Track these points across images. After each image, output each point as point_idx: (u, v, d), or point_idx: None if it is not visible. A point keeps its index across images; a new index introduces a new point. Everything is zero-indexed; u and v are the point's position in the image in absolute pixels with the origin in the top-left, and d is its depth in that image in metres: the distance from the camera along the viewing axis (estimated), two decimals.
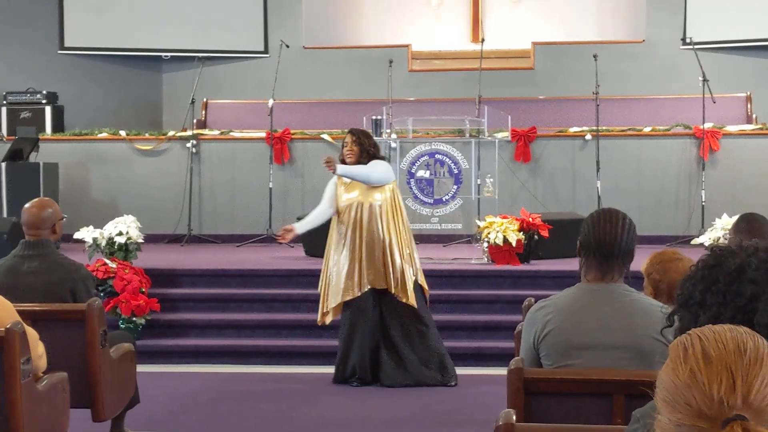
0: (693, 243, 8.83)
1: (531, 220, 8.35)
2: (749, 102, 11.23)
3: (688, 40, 10.92)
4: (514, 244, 8.08)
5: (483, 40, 10.83)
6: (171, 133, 10.94)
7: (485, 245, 8.23)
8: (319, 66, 12.24)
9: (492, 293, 7.58)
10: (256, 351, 7.26)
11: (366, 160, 6.42)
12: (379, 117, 9.62)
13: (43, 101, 11.46)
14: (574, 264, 3.28)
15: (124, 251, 7.78)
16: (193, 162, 10.69)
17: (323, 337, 7.37)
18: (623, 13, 12.52)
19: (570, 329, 3.05)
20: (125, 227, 7.84)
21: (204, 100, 11.86)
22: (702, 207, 9.94)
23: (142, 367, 5.48)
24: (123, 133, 10.92)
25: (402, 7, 12.83)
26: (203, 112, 11.90)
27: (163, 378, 6.66)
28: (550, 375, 2.97)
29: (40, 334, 3.95)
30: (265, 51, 12.30)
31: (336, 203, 6.51)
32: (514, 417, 2.37)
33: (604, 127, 10.32)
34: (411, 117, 9.44)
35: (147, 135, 11.00)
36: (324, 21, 12.74)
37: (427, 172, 9.27)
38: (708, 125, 10.11)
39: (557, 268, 7.90)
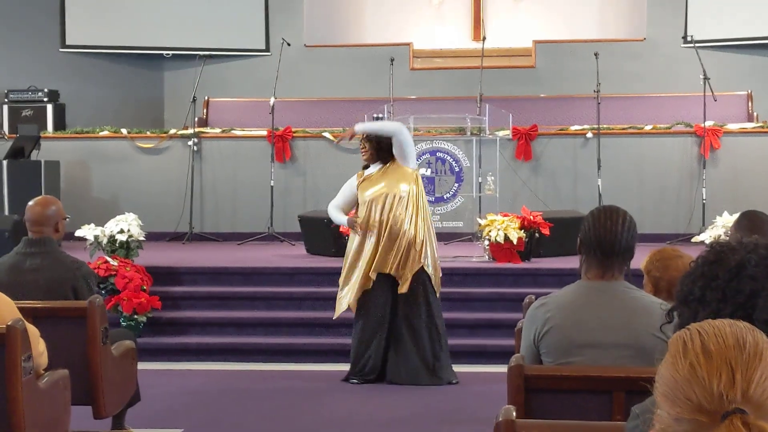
0: (694, 241, 8.83)
1: (532, 218, 8.36)
2: (750, 100, 11.23)
3: (689, 38, 10.91)
4: (515, 242, 8.08)
5: (484, 38, 10.83)
6: (172, 132, 10.95)
7: (486, 243, 8.23)
8: (321, 64, 12.24)
9: (493, 291, 7.59)
10: (257, 349, 7.27)
11: (385, 155, 6.31)
12: (381, 115, 9.63)
13: (45, 99, 11.47)
14: (575, 262, 3.28)
15: (125, 249, 7.80)
16: (195, 160, 10.69)
17: (325, 335, 7.38)
18: (624, 12, 12.52)
19: (570, 327, 3.06)
20: (127, 225, 7.85)
21: (205, 98, 11.86)
22: (703, 205, 9.94)
23: (143, 365, 5.49)
24: (124, 132, 10.92)
25: (403, 6, 12.83)
26: (205, 110, 11.90)
27: (165, 376, 6.67)
28: (550, 372, 2.98)
29: (41, 331, 3.96)
30: (267, 49, 12.30)
31: (351, 204, 6.44)
32: (514, 414, 2.38)
33: (605, 126, 10.32)
34: (412, 115, 9.43)
35: (148, 133, 11.00)
36: (325, 19, 12.74)
37: (429, 170, 9.29)
38: (709, 123, 10.10)
39: (558, 266, 7.90)
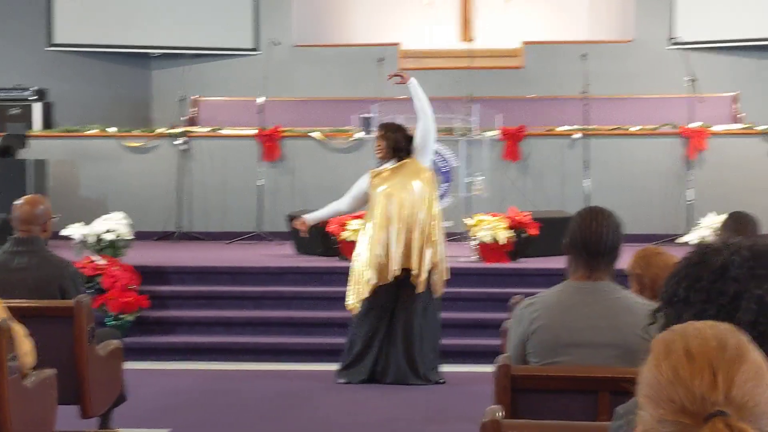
0: (679, 242, 8.86)
1: (520, 218, 8.37)
2: (736, 102, 11.27)
3: (676, 40, 10.95)
4: (503, 242, 8.10)
5: (473, 39, 10.84)
6: (160, 131, 10.93)
7: (475, 243, 8.25)
8: (310, 64, 12.24)
9: (481, 291, 7.60)
10: (245, 348, 7.26)
11: (397, 154, 6.28)
12: (369, 115, 9.63)
13: (32, 98, 11.42)
14: (563, 262, 3.29)
15: (112, 248, 7.78)
16: (183, 159, 10.67)
17: (313, 335, 7.38)
18: (612, 13, 12.56)
19: (557, 327, 3.07)
20: (114, 224, 7.83)
21: (194, 97, 11.84)
22: (689, 206, 9.98)
23: (131, 364, 5.49)
24: (112, 130, 10.90)
25: (392, 6, 12.83)
26: (193, 109, 11.88)
27: (152, 375, 6.66)
28: (536, 372, 2.99)
29: (28, 330, 3.95)
30: (255, 49, 12.28)
31: (360, 202, 6.40)
32: (500, 414, 2.39)
33: (592, 127, 10.35)
34: (401, 115, 9.44)
35: (136, 132, 10.98)
36: (314, 19, 12.73)
37: None
38: (695, 125, 10.15)
39: (546, 266, 7.91)
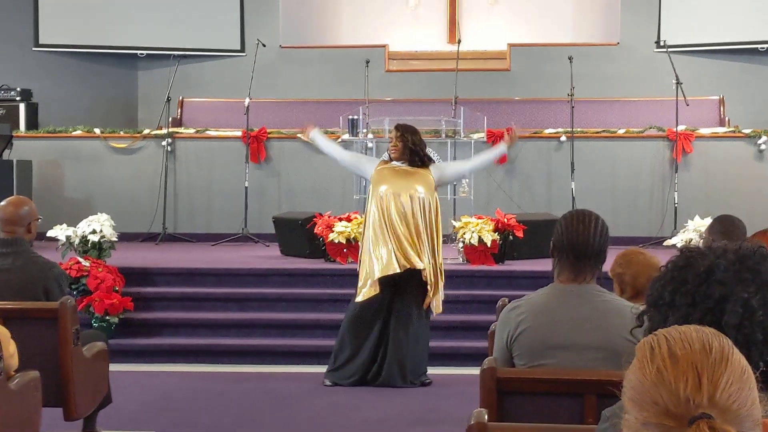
0: (666, 244, 8.90)
1: (506, 220, 8.38)
2: (722, 105, 11.33)
3: (662, 43, 10.99)
4: (489, 244, 8.11)
5: (459, 41, 10.86)
6: (146, 131, 10.90)
7: (460, 245, 8.25)
8: (296, 65, 12.22)
9: (467, 293, 7.60)
10: (230, 350, 7.25)
11: (410, 157, 6.31)
12: (356, 117, 9.63)
13: (17, 98, 11.37)
14: (548, 264, 3.30)
15: (97, 249, 7.75)
16: (169, 160, 10.65)
17: (298, 337, 7.37)
18: (598, 17, 12.59)
19: (543, 329, 3.07)
20: (99, 225, 7.80)
21: (180, 98, 11.81)
22: (675, 208, 10.02)
23: (115, 366, 5.46)
24: (98, 131, 10.86)
25: (379, 8, 12.84)
26: (179, 110, 11.85)
27: (137, 377, 6.64)
28: (522, 375, 2.99)
29: (12, 332, 3.93)
30: (242, 50, 12.26)
31: (359, 171, 6.44)
32: (486, 416, 2.39)
33: (578, 129, 10.38)
34: (387, 117, 9.43)
35: (122, 133, 10.95)
36: (301, 20, 12.72)
37: None
38: (681, 128, 10.18)
39: (532, 268, 7.93)
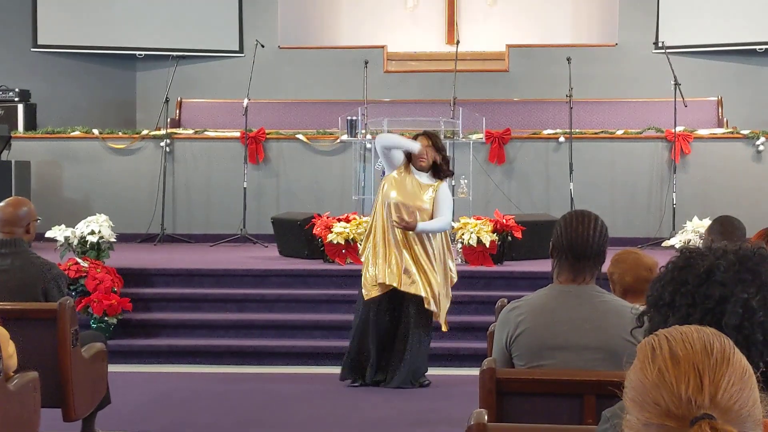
0: (664, 245, 8.90)
1: (505, 221, 8.39)
2: (720, 106, 11.33)
3: (660, 44, 10.99)
4: (487, 245, 8.11)
5: (458, 42, 10.86)
6: (144, 132, 10.89)
7: (459, 246, 8.25)
8: (295, 66, 12.22)
9: (465, 294, 7.59)
10: (228, 351, 7.25)
11: (437, 173, 6.24)
12: (355, 117, 9.63)
13: (16, 99, 11.36)
14: (547, 265, 3.30)
15: (96, 250, 7.74)
16: (167, 161, 10.64)
17: (296, 337, 7.37)
18: (597, 17, 12.60)
19: (542, 330, 3.07)
20: (97, 226, 7.79)
21: (178, 99, 11.80)
22: (673, 209, 10.02)
23: (114, 367, 5.46)
24: (96, 132, 10.86)
25: (378, 9, 12.84)
26: (177, 111, 11.84)
27: (135, 378, 6.63)
28: (522, 375, 2.99)
29: (11, 333, 3.92)
30: (240, 50, 12.26)
31: (395, 158, 6.30)
32: (486, 417, 2.38)
33: (577, 130, 10.38)
34: (386, 118, 9.43)
35: (120, 134, 10.94)
36: (300, 21, 12.72)
37: None
38: (679, 128, 10.19)
39: (530, 269, 7.93)
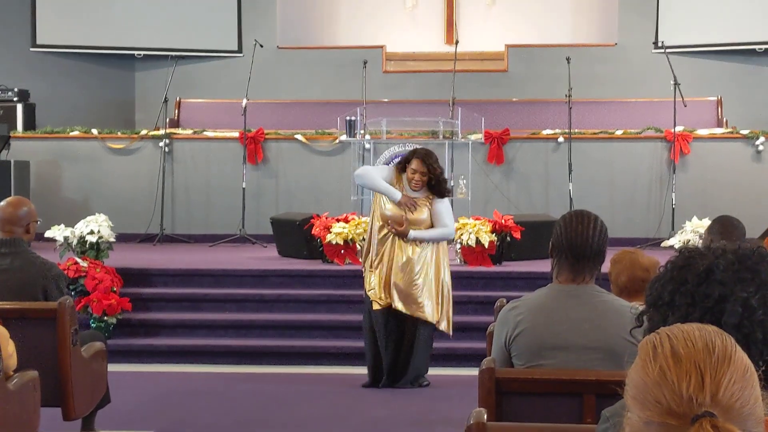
0: (663, 245, 8.90)
1: (503, 221, 8.39)
2: (720, 106, 11.33)
3: (659, 44, 11.00)
4: (486, 245, 8.11)
5: (457, 42, 10.86)
6: (144, 132, 10.89)
7: (458, 246, 8.25)
8: (294, 66, 12.22)
9: (464, 294, 7.59)
10: (228, 351, 7.25)
11: (432, 191, 6.16)
12: (353, 118, 9.64)
13: (15, 99, 11.35)
14: (546, 265, 3.30)
15: (95, 250, 7.74)
16: (166, 161, 10.64)
17: (295, 337, 7.37)
18: (596, 17, 12.60)
19: (541, 330, 3.08)
20: (97, 226, 7.80)
21: (177, 99, 11.80)
22: (672, 209, 10.03)
23: (113, 367, 5.46)
24: (95, 132, 10.85)
25: (377, 9, 12.84)
26: (176, 111, 11.84)
27: (135, 377, 6.64)
28: (521, 375, 2.99)
29: (10, 332, 3.93)
30: (239, 50, 12.26)
31: (388, 182, 6.24)
32: (485, 416, 2.39)
33: (576, 130, 10.38)
34: (385, 118, 9.46)
35: (119, 134, 10.94)
36: (298, 21, 12.72)
37: None
38: (679, 129, 10.19)
39: (529, 269, 7.93)
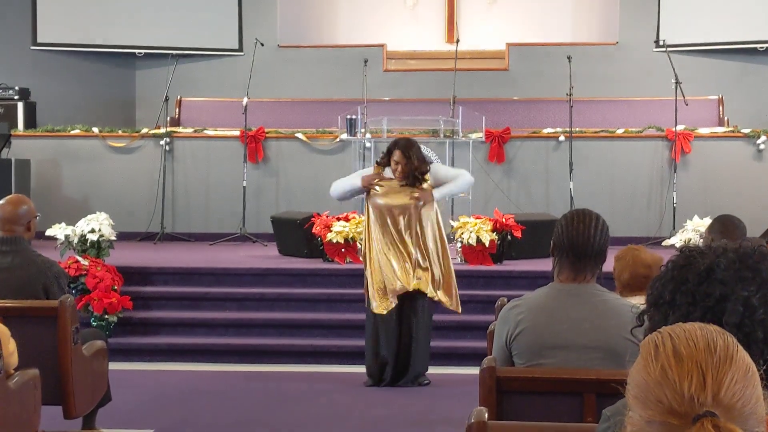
0: (664, 244, 8.90)
1: (504, 220, 8.39)
2: (721, 105, 11.33)
3: (661, 42, 10.99)
4: (487, 244, 8.11)
5: (458, 40, 10.86)
6: (144, 131, 10.89)
7: (459, 245, 8.25)
8: (294, 65, 12.22)
9: (465, 293, 7.56)
10: (228, 349, 7.25)
11: (412, 180, 6.20)
12: (354, 116, 9.63)
13: (16, 97, 11.35)
14: (546, 264, 3.30)
15: (96, 249, 7.75)
16: (167, 160, 10.64)
17: (295, 336, 7.38)
18: (597, 16, 12.59)
19: (542, 329, 3.07)
20: (97, 224, 7.80)
21: (178, 97, 11.80)
22: (673, 208, 10.02)
23: (114, 365, 5.46)
24: (96, 130, 10.86)
25: (377, 7, 12.83)
26: (177, 109, 11.84)
27: (136, 376, 6.64)
28: (522, 374, 2.99)
29: (11, 330, 3.93)
30: (240, 49, 12.26)
31: (372, 200, 6.29)
32: (486, 415, 2.39)
33: (577, 129, 10.37)
34: (386, 117, 9.44)
35: (120, 132, 10.94)
36: (299, 20, 12.72)
37: None
38: (680, 127, 10.19)
39: (530, 268, 7.93)
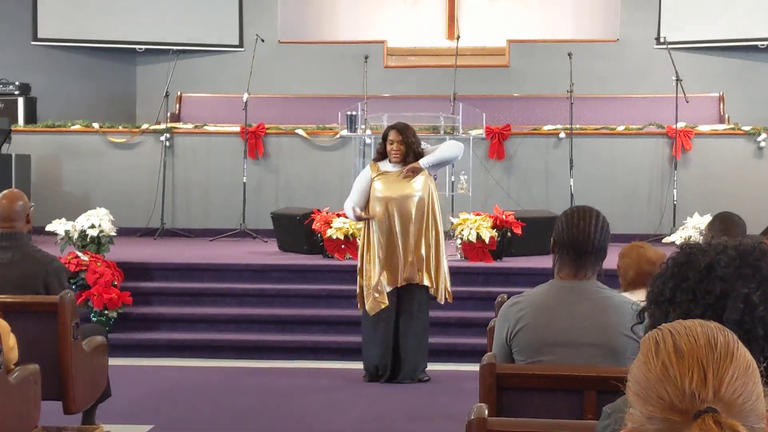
0: (665, 242, 8.91)
1: (504, 217, 8.39)
2: (722, 102, 11.32)
3: (662, 39, 10.99)
4: (487, 241, 8.11)
5: (458, 37, 10.86)
6: (144, 126, 10.89)
7: (458, 242, 8.25)
8: (295, 61, 12.22)
9: (465, 290, 7.59)
10: (228, 345, 7.25)
11: (412, 159, 6.25)
12: (354, 112, 9.63)
13: (16, 92, 11.35)
14: (546, 261, 3.30)
15: (96, 244, 7.75)
16: (167, 155, 10.64)
17: (295, 332, 7.38)
18: (598, 13, 12.59)
19: (542, 326, 3.08)
20: (98, 220, 7.80)
21: (178, 93, 11.80)
22: (674, 206, 10.02)
23: (114, 361, 5.47)
24: (96, 126, 10.85)
25: (378, 3, 12.83)
26: (177, 105, 11.84)
27: (135, 371, 6.64)
28: (522, 370, 2.99)
29: (12, 326, 3.93)
30: (240, 45, 12.25)
31: (367, 197, 6.33)
32: (486, 412, 2.39)
33: (577, 126, 10.37)
34: (386, 113, 9.44)
35: (120, 128, 10.94)
36: (300, 16, 12.71)
37: None
38: (681, 125, 10.18)
39: (530, 265, 7.93)
